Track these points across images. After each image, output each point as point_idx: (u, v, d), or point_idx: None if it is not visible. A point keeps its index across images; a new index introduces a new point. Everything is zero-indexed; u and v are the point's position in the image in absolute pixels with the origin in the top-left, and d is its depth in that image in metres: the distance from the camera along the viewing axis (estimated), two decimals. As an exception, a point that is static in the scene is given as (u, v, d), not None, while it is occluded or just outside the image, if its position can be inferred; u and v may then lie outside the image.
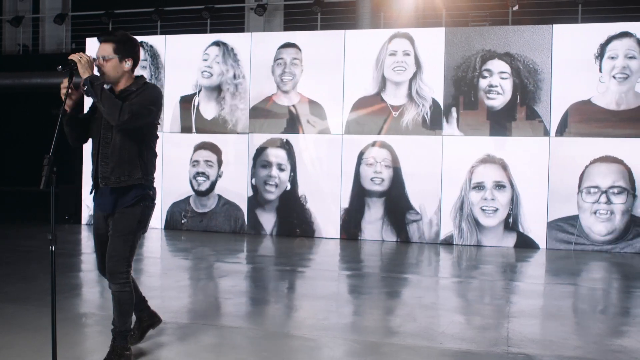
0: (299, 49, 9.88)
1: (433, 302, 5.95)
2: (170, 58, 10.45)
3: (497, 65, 9.15)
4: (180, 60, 10.37)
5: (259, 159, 9.99)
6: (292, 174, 9.85)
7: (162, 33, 13.17)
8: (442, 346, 4.41)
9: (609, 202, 8.67)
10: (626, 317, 5.48)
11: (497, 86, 9.13)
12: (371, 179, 9.51)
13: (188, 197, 10.33)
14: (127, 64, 3.82)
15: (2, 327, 4.67)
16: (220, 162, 10.20)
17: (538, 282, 7.04)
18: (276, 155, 9.92)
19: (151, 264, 7.73)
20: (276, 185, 9.90)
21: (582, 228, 8.74)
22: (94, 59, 3.78)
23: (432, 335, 4.68)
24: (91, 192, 3.91)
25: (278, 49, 9.99)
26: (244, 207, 10.03)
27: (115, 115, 3.59)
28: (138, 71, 10.52)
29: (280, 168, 9.91)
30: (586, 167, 8.76)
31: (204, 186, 10.25)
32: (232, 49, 10.17)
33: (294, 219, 9.81)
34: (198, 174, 10.29)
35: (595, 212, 8.72)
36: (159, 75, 10.48)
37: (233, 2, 14.05)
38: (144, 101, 3.74)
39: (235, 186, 10.09)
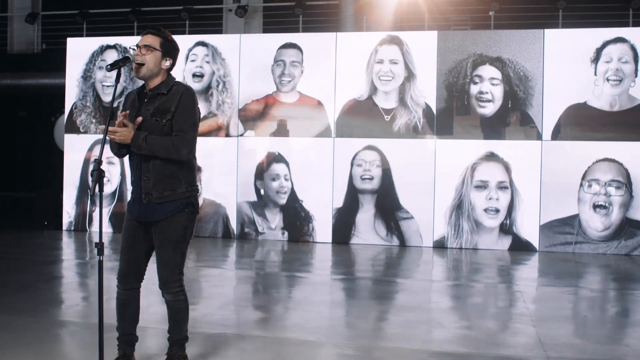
0: (300, 50, 9.77)
1: (452, 307, 5.91)
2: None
3: (488, 71, 9.20)
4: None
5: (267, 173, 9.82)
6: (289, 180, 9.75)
7: (138, 34, 12.87)
8: (481, 352, 4.36)
9: (607, 194, 8.81)
10: (643, 319, 5.55)
11: (488, 92, 9.17)
12: (360, 177, 9.44)
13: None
14: (167, 63, 3.66)
15: (15, 342, 4.43)
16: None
17: (545, 285, 7.07)
18: (279, 169, 9.79)
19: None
20: (285, 193, 9.76)
21: (581, 226, 8.85)
22: (134, 48, 3.61)
23: (466, 341, 4.63)
24: (132, 201, 3.70)
25: (278, 49, 9.85)
26: (230, 210, 9.84)
27: (174, 156, 3.55)
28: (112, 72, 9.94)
29: (286, 178, 9.77)
30: (589, 167, 8.90)
31: None
32: (216, 48, 10.02)
33: (289, 222, 9.68)
34: None
35: (594, 205, 8.84)
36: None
37: (212, 3, 13.83)
38: (188, 118, 3.61)
39: (223, 190, 9.89)
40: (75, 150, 10.48)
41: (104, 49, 10.52)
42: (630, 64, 8.80)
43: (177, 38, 3.79)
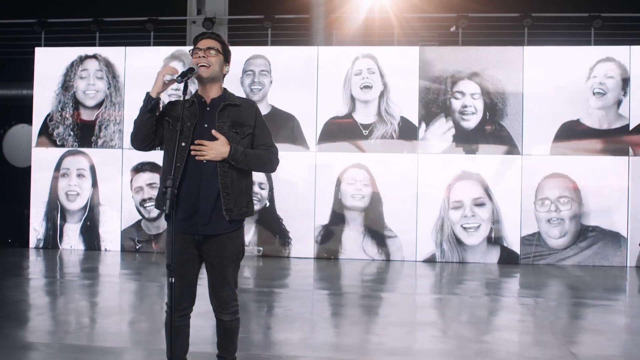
0: (267, 60, 9.70)
1: (471, 320, 5.90)
2: (131, 71, 9.91)
3: (468, 86, 9.35)
4: (141, 74, 9.74)
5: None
6: (270, 192, 9.57)
7: (101, 45, 12.49)
8: (524, 367, 4.37)
9: (558, 210, 9.05)
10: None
11: (471, 106, 9.31)
12: (352, 196, 9.38)
13: (139, 222, 9.83)
14: (227, 68, 3.63)
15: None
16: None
17: (544, 296, 7.16)
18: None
19: (107, 286, 7.24)
20: (258, 200, 9.56)
21: (541, 237, 9.06)
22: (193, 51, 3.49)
23: (500, 355, 4.62)
24: (170, 212, 3.13)
25: (247, 60, 9.75)
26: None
27: (267, 169, 3.66)
28: (95, 81, 9.87)
29: (260, 187, 9.58)
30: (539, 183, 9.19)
31: (155, 212, 9.73)
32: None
33: (271, 237, 9.53)
34: (144, 200, 9.77)
35: (548, 220, 9.07)
36: (117, 87, 9.99)
37: (177, 14, 13.58)
38: (269, 133, 3.65)
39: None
40: (43, 164, 10.02)
41: (83, 58, 10.20)
42: (615, 79, 9.14)
43: (148, 50, 3.64)
